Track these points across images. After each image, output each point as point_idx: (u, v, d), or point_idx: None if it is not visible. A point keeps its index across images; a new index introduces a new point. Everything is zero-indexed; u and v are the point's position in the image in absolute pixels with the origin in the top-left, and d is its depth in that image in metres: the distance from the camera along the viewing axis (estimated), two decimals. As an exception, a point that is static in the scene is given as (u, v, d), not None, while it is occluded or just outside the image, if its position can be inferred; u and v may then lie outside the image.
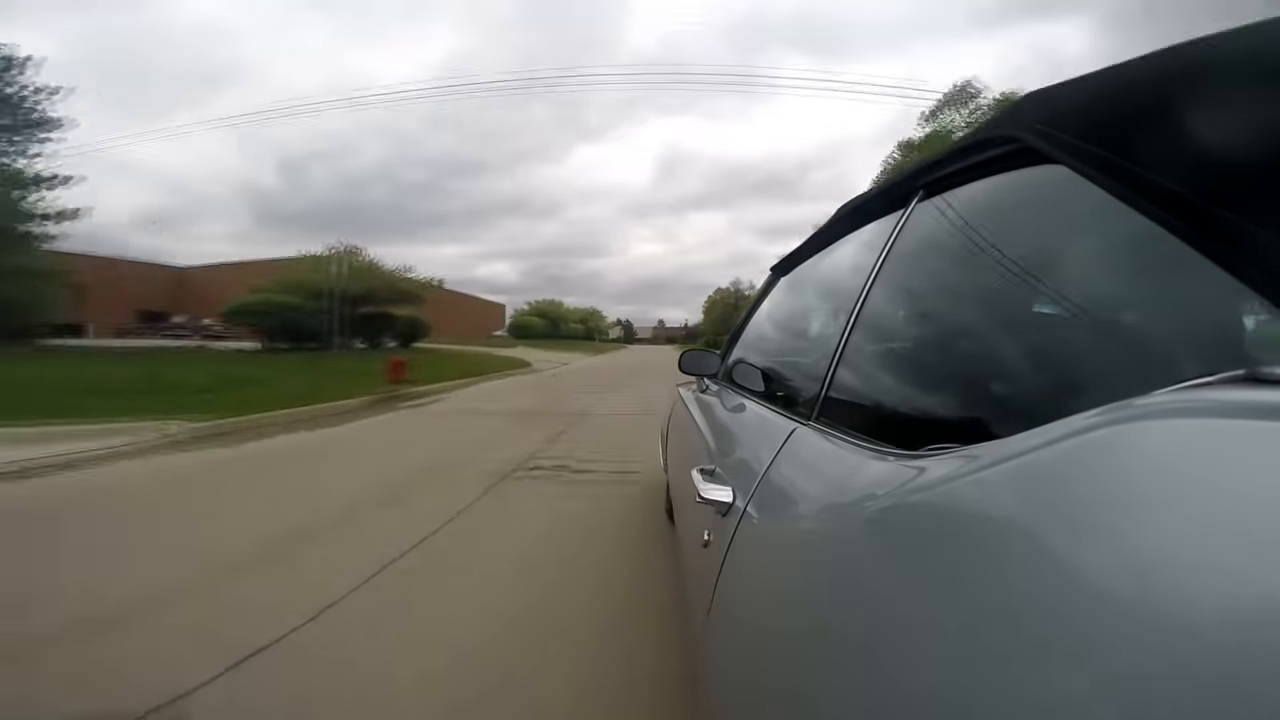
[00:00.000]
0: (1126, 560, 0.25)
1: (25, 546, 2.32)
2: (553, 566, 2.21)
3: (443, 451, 4.44)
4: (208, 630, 1.65)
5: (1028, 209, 0.58)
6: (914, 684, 0.34)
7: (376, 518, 2.77)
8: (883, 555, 0.44)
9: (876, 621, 0.40)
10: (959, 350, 0.64)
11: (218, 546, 2.31)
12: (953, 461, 0.42)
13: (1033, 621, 0.27)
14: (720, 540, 0.78)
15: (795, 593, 0.55)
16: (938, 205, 0.73)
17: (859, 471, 0.55)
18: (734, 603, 0.70)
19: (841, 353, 0.78)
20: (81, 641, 1.58)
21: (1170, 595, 0.22)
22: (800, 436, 0.77)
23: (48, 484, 3.24)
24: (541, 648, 1.60)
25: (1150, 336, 0.42)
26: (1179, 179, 0.36)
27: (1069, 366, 0.47)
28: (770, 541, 0.66)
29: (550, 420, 6.16)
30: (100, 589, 1.89)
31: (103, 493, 3.14)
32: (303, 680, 1.43)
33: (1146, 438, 0.28)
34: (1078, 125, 0.46)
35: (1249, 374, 0.27)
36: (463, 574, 2.14)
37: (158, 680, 1.38)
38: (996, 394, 0.54)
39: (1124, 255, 0.45)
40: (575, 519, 2.80)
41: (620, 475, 3.69)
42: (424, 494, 3.22)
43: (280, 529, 2.54)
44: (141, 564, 2.13)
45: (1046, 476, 0.32)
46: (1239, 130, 0.34)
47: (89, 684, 1.40)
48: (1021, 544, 0.31)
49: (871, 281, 0.79)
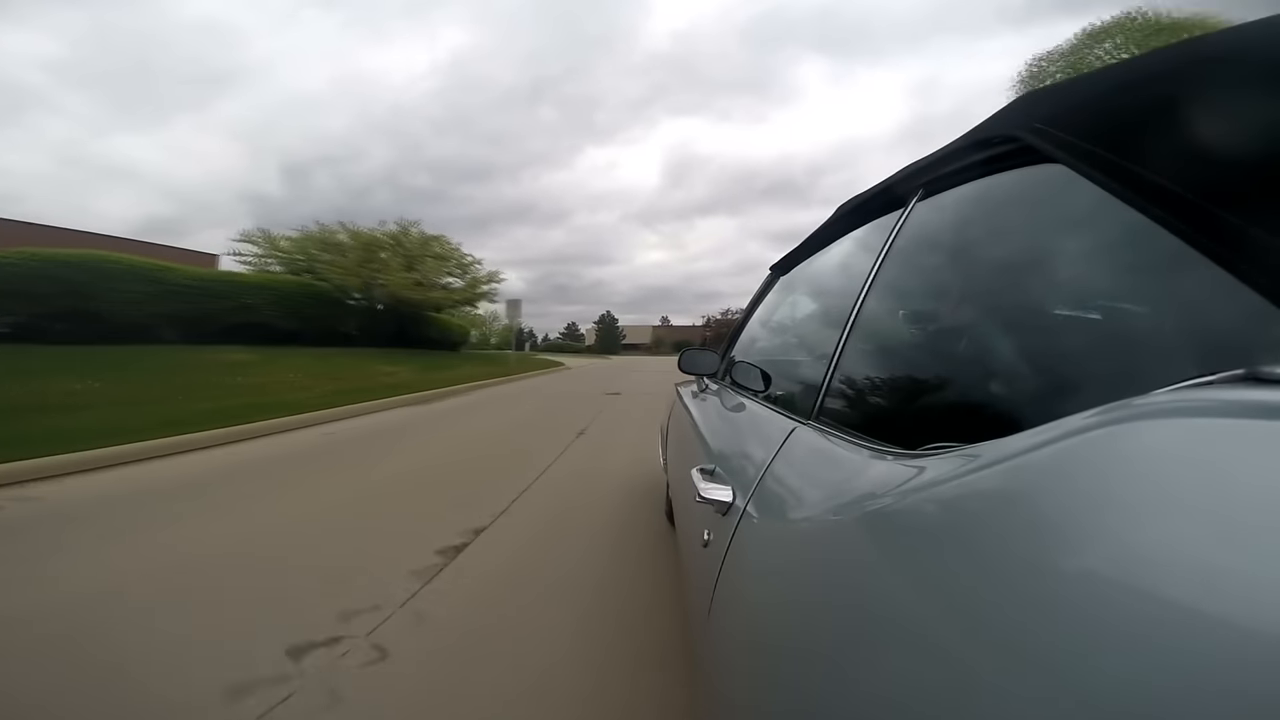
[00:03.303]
0: (1126, 560, 0.25)
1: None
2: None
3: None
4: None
5: (1027, 208, 0.58)
6: (914, 683, 0.34)
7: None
8: (883, 554, 0.44)
9: (876, 620, 0.40)
10: (958, 349, 0.64)
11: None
12: (952, 461, 0.42)
13: (1032, 621, 0.27)
14: (720, 540, 0.78)
15: (795, 592, 0.55)
16: (937, 204, 0.73)
17: (859, 471, 0.55)
18: (734, 602, 0.70)
19: (841, 352, 0.78)
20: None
21: (1170, 595, 0.22)
22: (800, 436, 0.77)
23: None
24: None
25: (1150, 336, 0.42)
26: (1178, 178, 0.36)
27: (1069, 366, 0.47)
28: (770, 541, 0.66)
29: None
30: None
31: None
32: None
33: (1146, 437, 0.28)
34: (1077, 124, 0.46)
35: (1249, 374, 0.27)
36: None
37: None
38: (996, 393, 0.54)
39: (1123, 254, 0.45)
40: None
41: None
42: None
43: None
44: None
45: (1046, 476, 0.32)
46: (1239, 129, 0.34)
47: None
48: (1021, 543, 0.31)
49: (871, 280, 0.79)
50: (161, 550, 2.16)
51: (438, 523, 2.57)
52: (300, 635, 1.54)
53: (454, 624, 1.64)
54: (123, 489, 3.06)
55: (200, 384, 6.57)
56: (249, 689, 1.29)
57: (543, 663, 1.45)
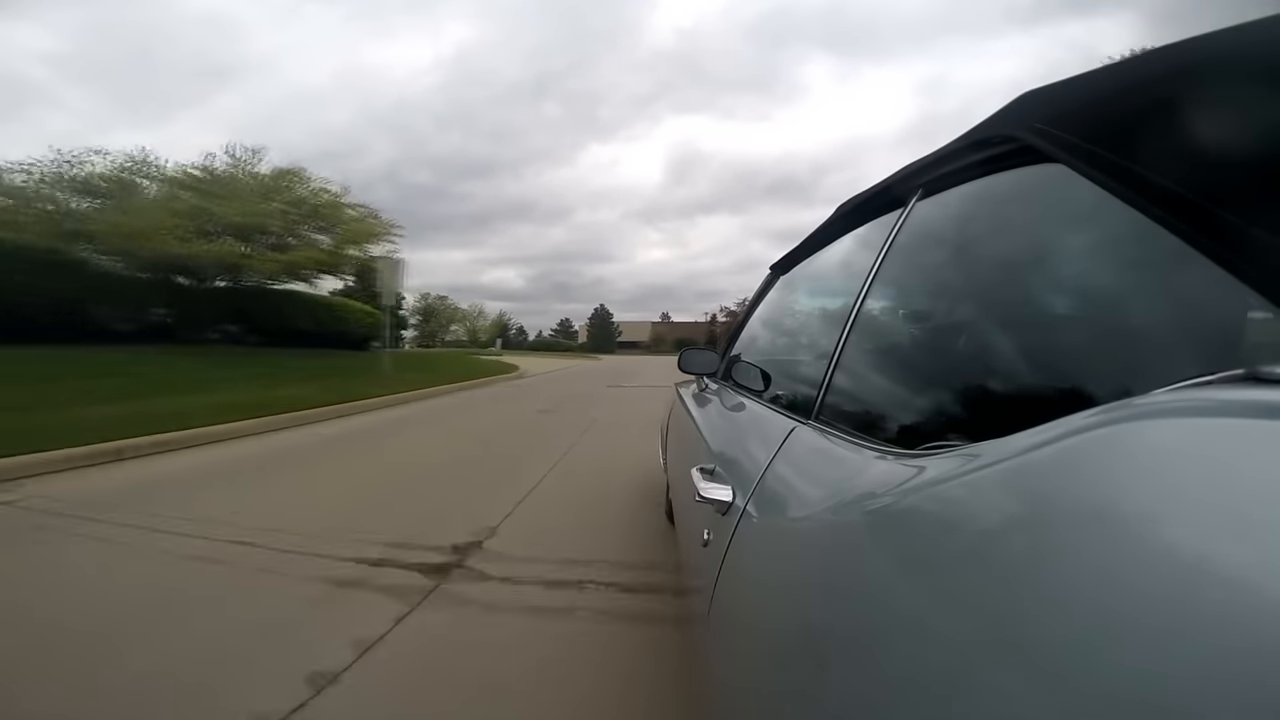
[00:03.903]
0: (1126, 559, 0.25)
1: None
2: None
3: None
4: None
5: (1027, 208, 0.58)
6: (914, 682, 0.34)
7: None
8: (883, 554, 0.44)
9: (876, 620, 0.40)
10: (958, 349, 0.64)
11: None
12: (952, 460, 0.42)
13: (1032, 620, 0.27)
14: (720, 539, 0.78)
15: (795, 591, 0.55)
16: (937, 204, 0.73)
17: (859, 470, 0.55)
18: (734, 601, 0.70)
19: (841, 351, 0.78)
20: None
21: (1171, 594, 0.22)
22: (800, 435, 0.77)
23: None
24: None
25: (1150, 336, 0.42)
26: (1178, 177, 0.36)
27: (1069, 366, 0.47)
28: (770, 540, 0.66)
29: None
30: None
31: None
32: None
33: (1146, 437, 0.28)
34: (1077, 124, 0.46)
35: (1249, 374, 0.27)
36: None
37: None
38: (996, 393, 0.54)
39: (1123, 254, 0.45)
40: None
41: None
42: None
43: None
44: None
45: (1046, 476, 0.32)
46: (1238, 129, 0.34)
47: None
48: (1021, 543, 0.31)
49: (871, 280, 0.79)
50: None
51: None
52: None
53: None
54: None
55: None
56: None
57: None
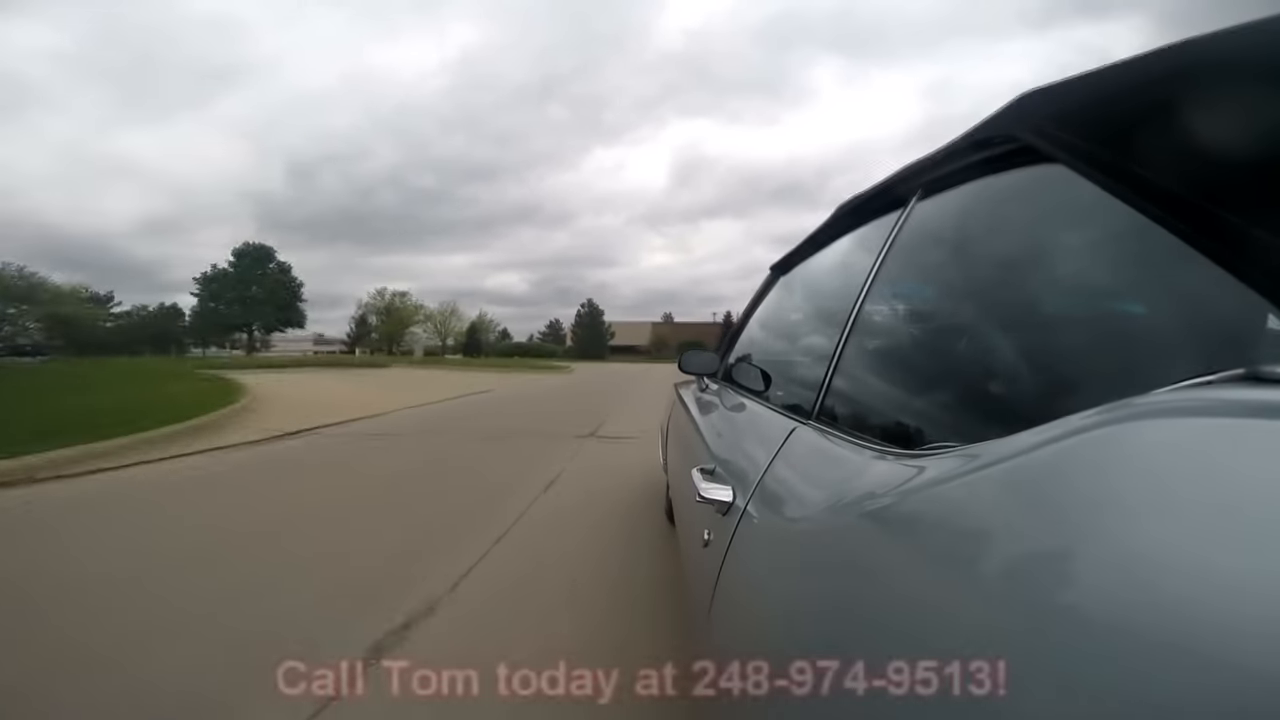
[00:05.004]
0: (1125, 558, 0.25)
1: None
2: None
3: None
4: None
5: (1027, 208, 0.58)
6: (913, 681, 0.34)
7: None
8: (883, 554, 0.44)
9: (876, 619, 0.40)
10: (958, 349, 0.64)
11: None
12: (952, 460, 0.42)
13: (1033, 619, 0.27)
14: (720, 539, 0.78)
15: (795, 591, 0.55)
16: (937, 204, 0.73)
17: (859, 470, 0.55)
18: (735, 601, 0.70)
19: (841, 352, 0.78)
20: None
21: (1169, 593, 0.22)
22: (800, 436, 0.77)
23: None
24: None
25: (1149, 336, 0.42)
26: (1178, 178, 0.36)
27: (1068, 366, 0.47)
28: (770, 540, 0.66)
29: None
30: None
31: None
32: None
33: (1146, 437, 0.28)
34: (1077, 124, 0.46)
35: (1249, 374, 0.27)
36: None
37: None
38: (996, 393, 0.54)
39: (1123, 254, 0.45)
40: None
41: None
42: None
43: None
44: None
45: (1046, 475, 0.32)
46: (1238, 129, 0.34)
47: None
48: (1021, 543, 0.31)
49: (871, 280, 0.79)
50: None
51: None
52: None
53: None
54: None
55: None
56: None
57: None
